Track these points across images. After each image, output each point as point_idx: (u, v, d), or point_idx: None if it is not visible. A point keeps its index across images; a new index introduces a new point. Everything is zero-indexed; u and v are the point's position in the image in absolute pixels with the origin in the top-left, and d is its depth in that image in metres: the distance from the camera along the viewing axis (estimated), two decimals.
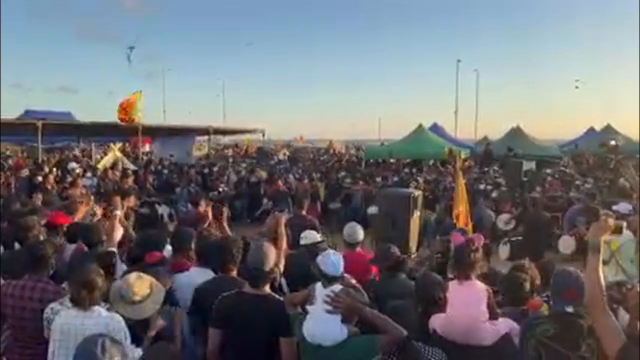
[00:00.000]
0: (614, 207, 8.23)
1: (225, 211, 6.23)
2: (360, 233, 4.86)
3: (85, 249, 4.52)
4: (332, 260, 2.86)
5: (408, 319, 2.82)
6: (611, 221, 2.65)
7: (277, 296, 3.13)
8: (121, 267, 4.03)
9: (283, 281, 3.83)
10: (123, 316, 3.02)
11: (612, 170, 16.34)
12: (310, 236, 4.81)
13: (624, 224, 2.70)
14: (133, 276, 3.19)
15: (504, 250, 6.86)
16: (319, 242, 4.72)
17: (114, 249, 4.22)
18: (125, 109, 16.94)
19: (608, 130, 24.64)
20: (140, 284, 3.14)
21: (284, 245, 4.25)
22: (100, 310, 3.05)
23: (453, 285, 3.26)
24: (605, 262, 5.92)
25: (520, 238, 7.94)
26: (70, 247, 4.76)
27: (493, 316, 3.22)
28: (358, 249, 4.83)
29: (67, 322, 2.97)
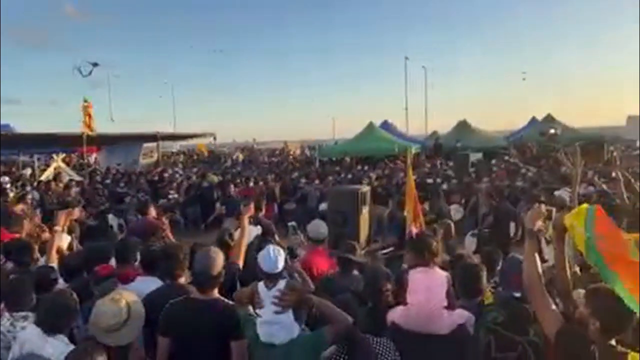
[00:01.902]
0: (556, 193, 8.60)
1: (166, 221, 6.15)
2: (324, 229, 4.96)
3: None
4: (271, 257, 2.85)
5: (352, 313, 2.83)
6: (543, 208, 2.77)
7: (226, 300, 3.09)
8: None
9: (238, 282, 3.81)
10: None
11: (553, 158, 17.07)
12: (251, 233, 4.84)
13: (554, 209, 2.86)
14: (107, 301, 2.90)
15: (470, 243, 6.99)
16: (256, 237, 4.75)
17: (54, 265, 4.08)
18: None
19: (548, 119, 25.71)
20: (116, 309, 2.84)
21: (244, 241, 4.22)
22: (64, 340, 2.90)
23: (413, 274, 3.31)
24: (548, 242, 6.19)
25: (486, 230, 8.09)
26: (9, 265, 4.53)
27: (451, 305, 3.29)
28: (321, 247, 4.91)
29: (29, 340, 2.86)
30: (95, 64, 28.16)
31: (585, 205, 2.65)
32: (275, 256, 2.85)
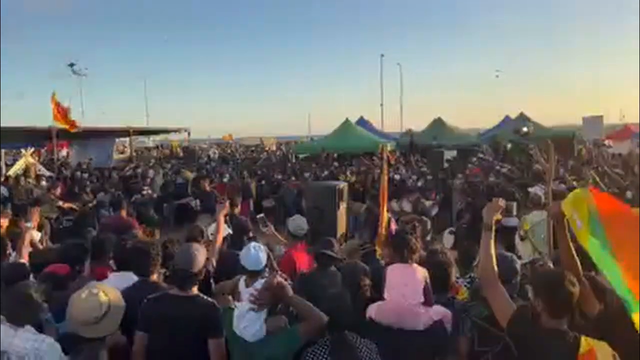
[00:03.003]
0: (530, 190, 8.77)
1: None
2: (305, 225, 4.97)
3: None
4: (252, 254, 2.86)
5: (345, 306, 2.84)
6: (502, 202, 2.84)
7: (205, 297, 3.06)
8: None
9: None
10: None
11: (526, 155, 17.42)
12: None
13: (514, 204, 2.93)
14: (85, 294, 2.87)
15: (448, 239, 7.04)
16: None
17: (24, 261, 3.99)
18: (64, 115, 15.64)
19: (521, 117, 26.20)
20: (96, 303, 2.82)
21: (220, 239, 4.19)
22: (31, 331, 2.82)
23: (391, 269, 3.32)
24: (522, 238, 6.31)
25: (464, 226, 8.18)
26: None
27: (428, 302, 3.31)
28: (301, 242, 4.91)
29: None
30: (71, 64, 27.54)
31: (578, 191, 2.71)
32: (257, 254, 2.86)
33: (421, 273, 3.30)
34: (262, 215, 7.24)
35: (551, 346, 2.30)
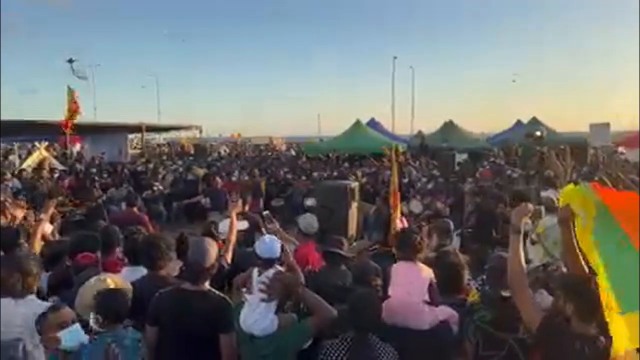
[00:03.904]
0: (543, 194, 8.69)
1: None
2: (316, 223, 4.99)
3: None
4: (267, 243, 2.86)
5: (371, 307, 2.84)
6: (531, 206, 2.80)
7: (217, 292, 3.05)
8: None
9: None
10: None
11: (537, 161, 17.29)
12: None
13: (542, 208, 2.89)
14: (93, 282, 2.99)
15: (454, 242, 7.02)
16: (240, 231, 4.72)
17: (36, 252, 4.03)
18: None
19: (533, 122, 26.02)
20: (100, 287, 2.95)
21: (234, 237, 4.20)
22: (35, 300, 2.89)
23: (396, 267, 3.30)
24: (534, 242, 6.26)
25: (469, 230, 8.13)
26: None
27: (433, 301, 3.29)
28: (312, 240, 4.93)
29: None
30: (70, 60, 27.69)
31: (572, 187, 2.69)
32: (272, 242, 2.86)
33: (426, 272, 3.29)
34: (267, 212, 7.22)
35: (583, 351, 2.28)
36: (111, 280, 2.96)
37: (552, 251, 5.75)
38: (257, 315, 2.74)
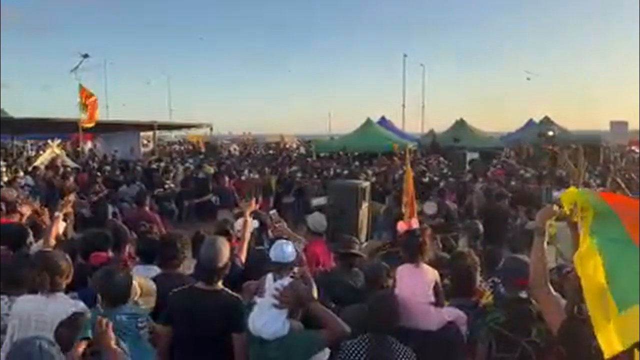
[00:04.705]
0: (554, 194, 8.62)
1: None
2: (325, 221, 5.02)
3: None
4: (282, 247, 2.84)
5: (390, 308, 2.85)
6: (556, 208, 2.77)
7: (230, 291, 3.06)
8: None
9: None
10: None
11: (549, 160, 17.15)
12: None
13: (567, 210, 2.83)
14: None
15: (463, 242, 6.98)
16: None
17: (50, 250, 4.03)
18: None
19: (545, 121, 25.81)
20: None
21: (247, 236, 4.19)
22: (64, 297, 2.91)
23: (401, 269, 3.30)
24: (548, 243, 6.21)
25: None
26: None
27: (439, 302, 3.28)
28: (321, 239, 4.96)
29: (25, 309, 2.83)
30: (85, 55, 27.82)
31: (574, 191, 2.66)
32: (286, 247, 2.85)
33: (431, 273, 3.29)
34: (274, 211, 7.25)
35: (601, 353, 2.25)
36: (135, 281, 2.97)
37: (565, 253, 5.69)
38: (266, 317, 2.73)
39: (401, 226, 4.59)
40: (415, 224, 4.51)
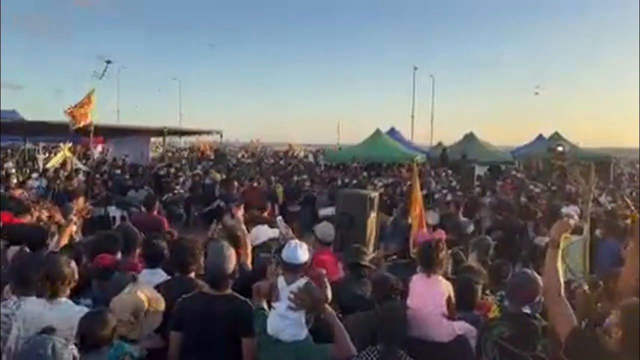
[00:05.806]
0: (563, 210, 8.56)
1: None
2: (332, 231, 5.01)
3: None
4: (293, 248, 2.83)
5: (399, 320, 2.85)
6: (572, 222, 2.78)
7: (239, 296, 3.06)
8: None
9: None
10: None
11: (559, 176, 17.06)
12: (262, 234, 4.81)
13: (586, 226, 2.86)
14: (124, 296, 2.94)
15: (473, 257, 6.95)
16: (273, 239, 4.73)
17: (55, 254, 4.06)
18: (75, 115, 15.72)
19: (555, 137, 25.68)
20: (138, 301, 2.91)
21: (248, 241, 4.19)
22: (67, 302, 2.91)
23: (415, 279, 3.29)
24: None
25: (495, 242, 8.00)
26: (13, 249, 4.52)
27: (451, 315, 3.26)
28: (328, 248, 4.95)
29: (28, 312, 2.85)
30: (108, 62, 28.05)
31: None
32: (298, 248, 2.84)
33: (444, 285, 3.27)
34: (280, 217, 7.26)
35: None
36: (143, 294, 2.94)
37: (574, 269, 5.64)
38: (289, 321, 2.71)
39: (422, 236, 4.59)
40: (427, 235, 4.52)
